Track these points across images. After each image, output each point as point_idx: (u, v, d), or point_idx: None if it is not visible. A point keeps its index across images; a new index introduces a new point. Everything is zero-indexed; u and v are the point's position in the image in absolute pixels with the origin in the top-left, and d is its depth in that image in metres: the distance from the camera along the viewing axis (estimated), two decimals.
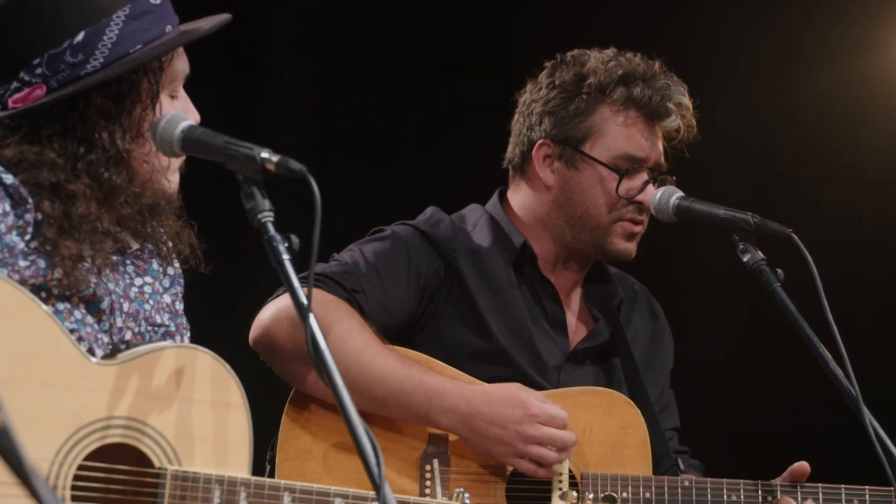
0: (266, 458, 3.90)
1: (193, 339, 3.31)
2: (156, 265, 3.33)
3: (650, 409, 4.18)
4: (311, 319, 2.79)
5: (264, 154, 2.91)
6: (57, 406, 2.98)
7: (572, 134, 4.17)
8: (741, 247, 3.86)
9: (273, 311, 3.86)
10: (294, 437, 3.90)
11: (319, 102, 6.12)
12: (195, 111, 3.25)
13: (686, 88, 4.21)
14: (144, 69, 3.18)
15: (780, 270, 3.80)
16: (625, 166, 4.15)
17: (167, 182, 3.26)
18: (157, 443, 3.09)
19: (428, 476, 3.91)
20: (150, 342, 3.23)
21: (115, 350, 3.11)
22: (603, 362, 4.29)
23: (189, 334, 3.36)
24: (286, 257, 2.86)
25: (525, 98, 4.27)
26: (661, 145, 4.20)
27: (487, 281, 4.14)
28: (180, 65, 3.26)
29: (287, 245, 2.86)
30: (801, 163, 6.17)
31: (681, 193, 4.10)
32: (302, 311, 2.81)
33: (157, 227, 3.27)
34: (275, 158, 2.90)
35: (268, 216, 2.88)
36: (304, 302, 2.81)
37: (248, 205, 2.90)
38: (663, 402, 4.35)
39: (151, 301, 3.29)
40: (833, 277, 3.68)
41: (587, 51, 4.23)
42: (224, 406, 3.17)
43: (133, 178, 3.20)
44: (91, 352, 3.10)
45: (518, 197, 4.28)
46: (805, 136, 6.18)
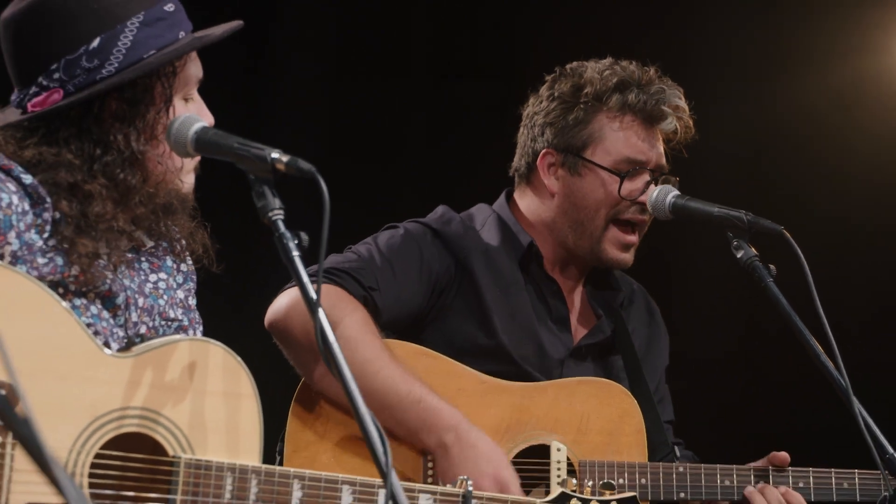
0: (276, 448, 3.90)
1: (207, 334, 3.31)
2: (170, 262, 3.35)
3: (650, 402, 4.21)
4: (321, 314, 2.79)
5: (275, 154, 2.91)
6: (75, 397, 2.99)
7: (573, 142, 4.20)
8: (735, 243, 3.87)
9: (289, 300, 3.86)
10: (302, 428, 3.90)
11: (326, 103, 6.12)
12: (209, 114, 3.26)
13: (682, 91, 4.23)
14: (158, 73, 3.19)
15: (772, 266, 3.81)
16: (626, 169, 4.18)
17: (180, 183, 3.27)
18: (170, 432, 3.10)
19: (431, 464, 3.92)
20: (165, 336, 3.24)
21: (130, 344, 3.13)
22: (604, 358, 4.32)
23: (202, 328, 3.37)
24: (296, 254, 2.86)
25: (528, 111, 4.31)
26: (662, 147, 4.22)
27: (495, 278, 4.17)
28: (193, 69, 3.27)
29: (297, 242, 2.86)
30: (792, 165, 6.15)
31: (677, 192, 4.12)
32: (311, 306, 2.81)
33: (171, 226, 3.28)
34: (285, 158, 2.90)
35: (278, 214, 2.89)
36: (314, 297, 2.81)
37: (260, 203, 2.90)
38: (659, 395, 4.37)
39: (165, 297, 3.31)
40: (823, 273, 3.68)
41: (585, 62, 4.27)
42: (235, 397, 3.18)
43: (147, 178, 3.21)
44: (107, 345, 3.10)
45: (524, 202, 4.32)
46: (795, 138, 6.16)
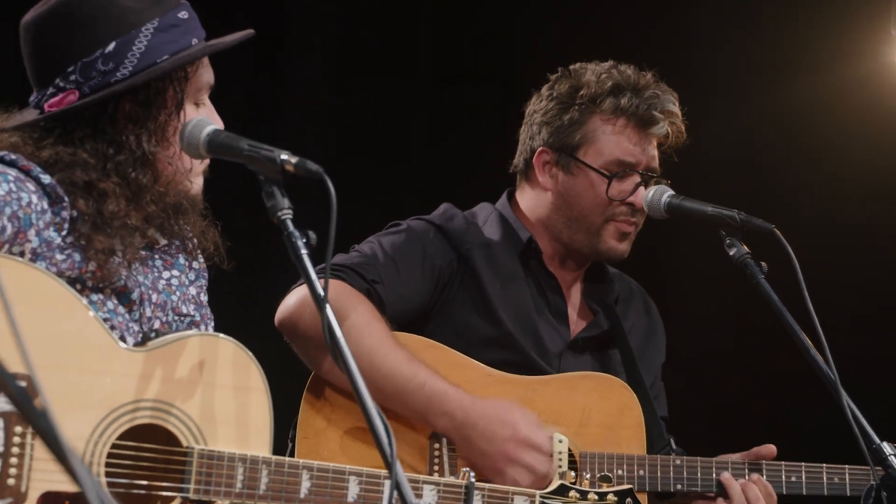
0: (289, 436, 3.93)
1: (219, 328, 3.33)
2: (182, 259, 3.36)
3: (646, 395, 4.23)
4: (328, 310, 2.80)
5: (284, 156, 2.92)
6: (92, 389, 3.02)
7: (568, 142, 4.23)
8: (728, 241, 3.87)
9: (298, 298, 3.89)
10: (312, 418, 3.92)
11: (333, 106, 6.13)
12: (219, 119, 3.27)
13: (676, 97, 4.25)
14: (170, 78, 3.20)
15: (763, 264, 3.81)
16: (615, 170, 4.21)
17: (189, 184, 3.28)
18: (184, 423, 3.11)
19: (437, 454, 3.94)
20: (177, 331, 3.25)
21: (145, 338, 3.14)
22: (601, 351, 4.34)
23: (213, 324, 3.38)
24: (304, 252, 2.86)
25: (529, 109, 4.34)
26: (654, 151, 4.24)
27: (496, 272, 4.20)
28: (205, 75, 3.28)
29: (305, 240, 2.88)
30: (782, 167, 6.16)
31: (672, 192, 4.14)
32: (319, 301, 2.82)
33: (183, 225, 3.29)
34: (293, 160, 2.92)
35: (287, 213, 2.90)
36: (321, 293, 2.81)
37: (269, 203, 2.91)
38: (654, 391, 4.38)
39: (178, 293, 3.32)
40: (812, 272, 3.68)
41: (587, 64, 4.29)
42: (245, 390, 3.19)
43: (158, 178, 3.22)
44: (123, 339, 3.12)
45: (524, 199, 4.35)
46: (785, 142, 6.15)
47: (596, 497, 3.73)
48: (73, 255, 3.10)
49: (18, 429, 2.91)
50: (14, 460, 2.91)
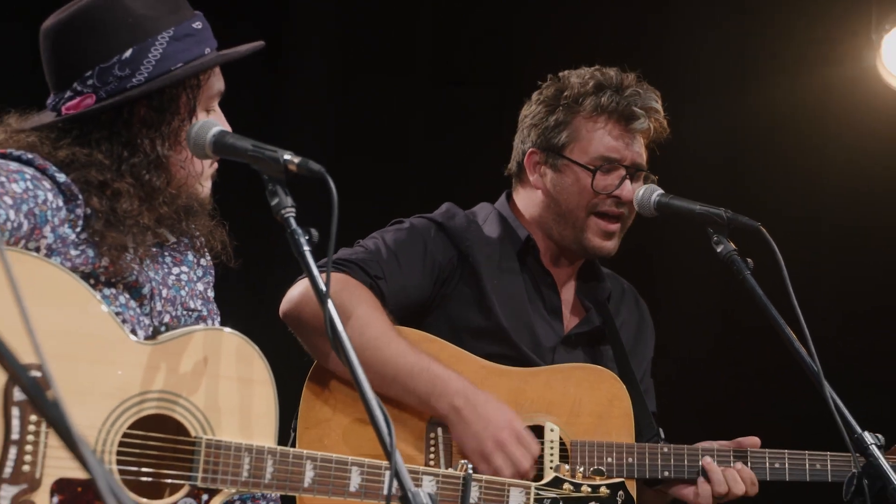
0: (291, 426, 3.97)
1: (225, 323, 3.35)
2: (191, 256, 3.39)
3: (636, 388, 4.28)
4: (330, 305, 2.81)
5: (287, 156, 2.95)
6: (104, 380, 3.06)
7: (555, 142, 4.31)
8: (715, 238, 3.92)
9: (302, 290, 3.96)
10: (314, 407, 3.97)
11: (334, 108, 6.16)
12: (227, 126, 3.29)
13: (658, 95, 4.31)
14: (184, 84, 3.25)
15: (749, 260, 3.85)
16: (600, 164, 4.28)
17: (200, 187, 3.32)
18: (191, 413, 3.14)
19: (432, 442, 4.00)
20: (186, 325, 3.29)
21: (155, 332, 3.16)
22: (593, 347, 4.40)
23: (219, 318, 3.41)
24: (307, 248, 2.89)
25: (521, 115, 4.43)
26: (639, 147, 4.30)
27: (495, 268, 4.26)
28: (216, 83, 3.33)
29: (307, 238, 2.90)
30: (765, 168, 6.18)
31: (661, 191, 4.20)
32: (321, 297, 2.84)
33: (192, 225, 3.33)
34: (296, 160, 2.95)
35: (290, 212, 2.93)
36: (323, 289, 2.83)
37: (273, 202, 2.94)
38: (644, 386, 4.43)
39: (187, 288, 3.35)
40: (795, 270, 3.72)
41: (574, 70, 4.36)
42: (248, 381, 3.21)
43: (171, 181, 3.27)
44: (134, 332, 3.16)
45: (520, 200, 4.41)
46: (768, 143, 6.17)
47: (589, 490, 3.75)
48: (87, 250, 3.14)
49: (33, 417, 2.95)
50: (29, 448, 2.96)
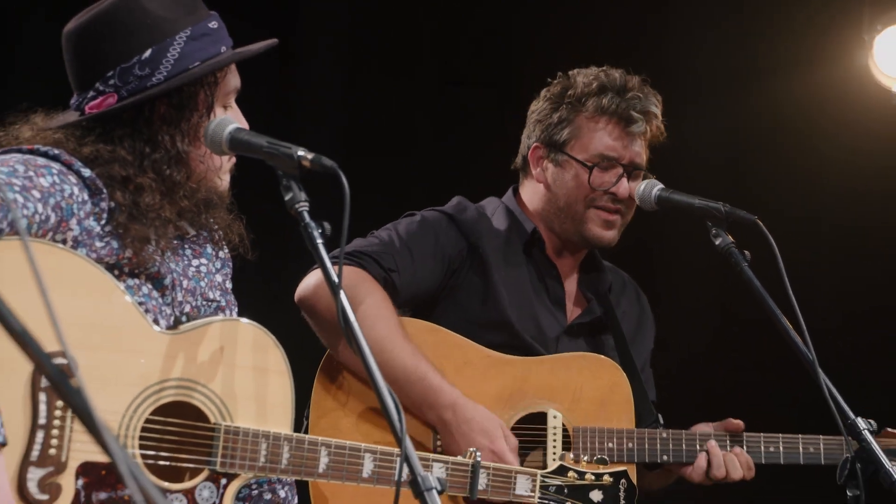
0: (304, 414, 4.02)
1: (242, 313, 3.39)
2: (210, 249, 3.42)
3: (637, 376, 4.34)
4: (342, 296, 2.86)
5: (300, 152, 2.99)
6: (128, 368, 3.11)
7: (557, 138, 4.38)
8: (713, 232, 3.97)
9: (316, 279, 4.02)
10: (326, 396, 4.02)
11: (345, 106, 6.16)
12: (244, 121, 3.35)
13: (659, 99, 4.39)
14: (202, 82, 3.29)
15: (747, 252, 3.91)
16: (598, 162, 4.35)
17: (219, 181, 3.37)
18: (210, 400, 3.19)
19: (440, 442, 4.06)
20: (205, 315, 3.32)
21: (177, 321, 3.21)
22: (594, 337, 4.46)
23: (237, 309, 3.45)
24: (320, 241, 2.94)
25: (529, 111, 4.50)
26: (639, 148, 4.36)
27: (502, 260, 4.33)
28: (233, 80, 3.37)
29: (321, 231, 2.95)
30: (764, 167, 6.21)
31: (662, 186, 4.27)
32: (333, 288, 2.88)
33: (211, 219, 3.37)
34: (310, 156, 2.99)
35: (303, 206, 2.98)
36: (336, 280, 2.87)
37: (287, 196, 2.99)
38: (644, 376, 4.48)
39: (206, 279, 3.39)
40: (792, 268, 3.75)
41: (582, 69, 4.44)
42: (264, 370, 3.25)
43: (191, 175, 3.31)
44: (156, 322, 3.21)
45: (525, 194, 4.48)
46: (767, 143, 6.20)
47: (593, 477, 3.80)
48: (112, 242, 3.19)
49: (59, 403, 3.01)
50: (55, 432, 3.02)
